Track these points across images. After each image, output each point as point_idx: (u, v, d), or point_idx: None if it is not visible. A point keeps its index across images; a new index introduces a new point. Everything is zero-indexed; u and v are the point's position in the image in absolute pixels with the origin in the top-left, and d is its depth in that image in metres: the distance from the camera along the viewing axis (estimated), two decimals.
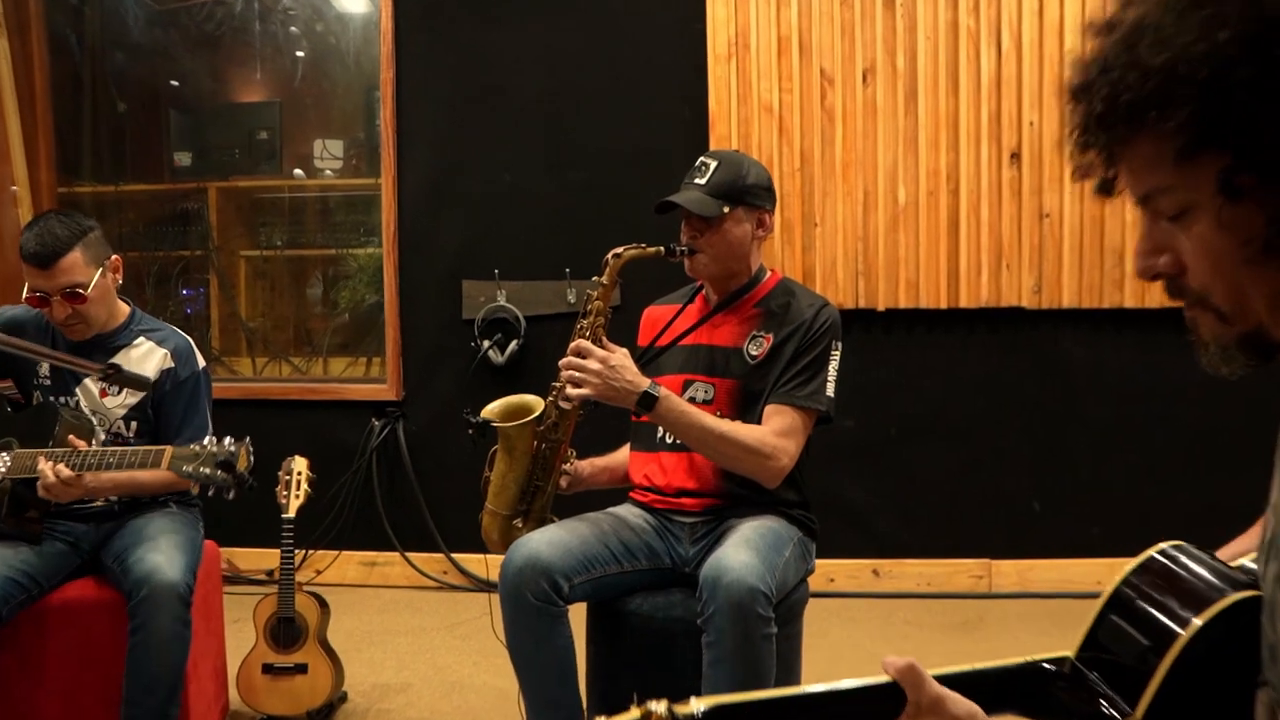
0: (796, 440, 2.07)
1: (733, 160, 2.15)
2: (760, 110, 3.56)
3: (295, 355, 4.37)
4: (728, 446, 2.02)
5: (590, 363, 1.97)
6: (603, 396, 1.97)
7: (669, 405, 1.99)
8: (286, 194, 4.43)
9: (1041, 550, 3.65)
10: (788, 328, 2.11)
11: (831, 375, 2.11)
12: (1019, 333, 3.59)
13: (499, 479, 2.11)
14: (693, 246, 2.11)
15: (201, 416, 2.52)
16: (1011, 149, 3.51)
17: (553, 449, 2.10)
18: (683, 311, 2.27)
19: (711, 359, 2.16)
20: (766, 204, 2.15)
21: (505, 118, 3.73)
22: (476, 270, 3.76)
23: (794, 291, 2.18)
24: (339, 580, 3.84)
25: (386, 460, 3.82)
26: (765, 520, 2.08)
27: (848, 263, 3.57)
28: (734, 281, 2.18)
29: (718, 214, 2.08)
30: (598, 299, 2.06)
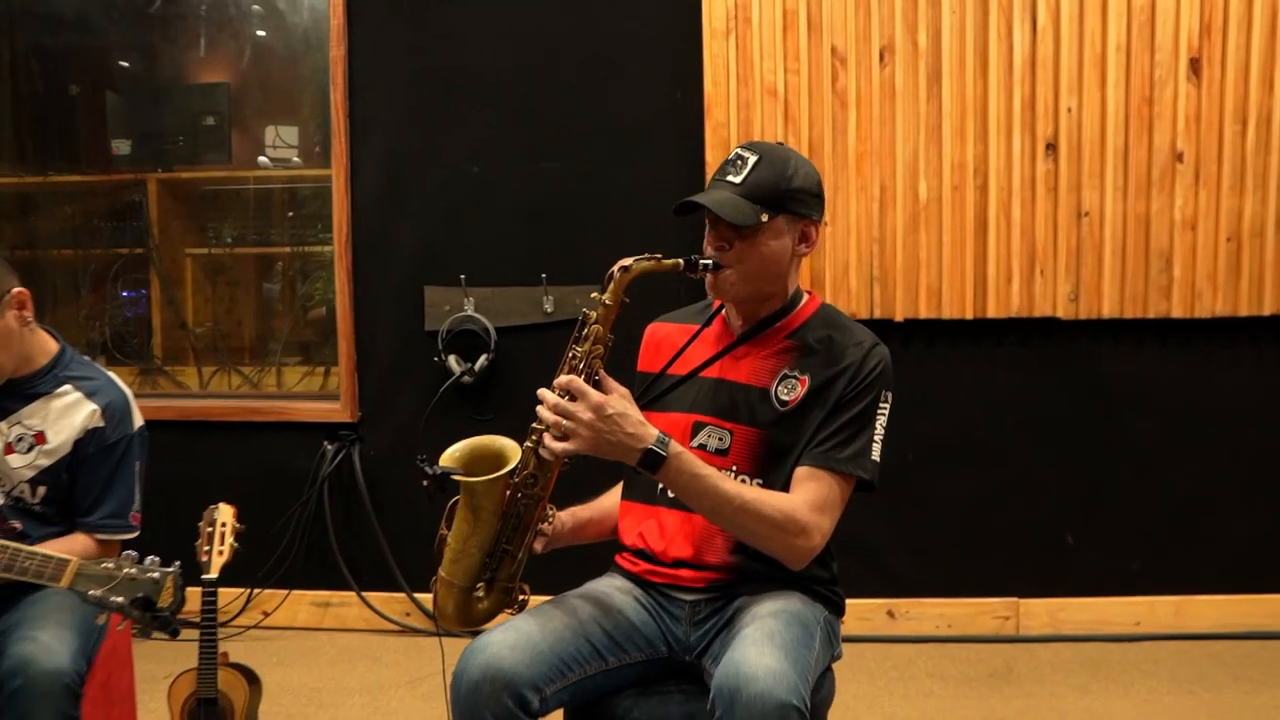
0: (833, 515, 1.68)
1: (776, 156, 1.72)
2: (763, 93, 3.13)
3: (247, 365, 3.94)
4: (749, 520, 1.62)
5: (581, 409, 1.55)
6: (594, 451, 1.57)
7: (680, 466, 1.59)
8: (236, 186, 3.99)
9: (1075, 588, 3.27)
10: (829, 370, 1.71)
11: (879, 434, 1.71)
12: (1053, 346, 3.19)
13: (458, 542, 1.68)
14: (719, 261, 1.70)
15: (126, 490, 2.12)
16: (1047, 139, 3.10)
17: (528, 506, 1.68)
18: (698, 336, 1.85)
19: (731, 399, 1.75)
20: (814, 213, 1.74)
21: (472, 101, 3.29)
22: (440, 275, 3.32)
23: (837, 323, 1.78)
24: (289, 623, 3.42)
25: (341, 489, 3.40)
26: (785, 600, 1.68)
27: (861, 267, 3.16)
28: (765, 306, 1.77)
29: (754, 222, 1.67)
30: (597, 322, 1.64)
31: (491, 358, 3.26)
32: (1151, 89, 3.06)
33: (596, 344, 1.64)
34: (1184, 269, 3.10)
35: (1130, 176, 3.09)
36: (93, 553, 2.07)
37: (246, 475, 3.43)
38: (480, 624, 1.71)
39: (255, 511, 3.37)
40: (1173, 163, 3.08)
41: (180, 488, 3.43)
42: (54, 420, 2.03)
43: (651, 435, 1.57)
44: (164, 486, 3.44)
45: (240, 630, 3.39)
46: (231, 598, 3.40)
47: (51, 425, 2.03)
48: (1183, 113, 3.06)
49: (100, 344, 3.99)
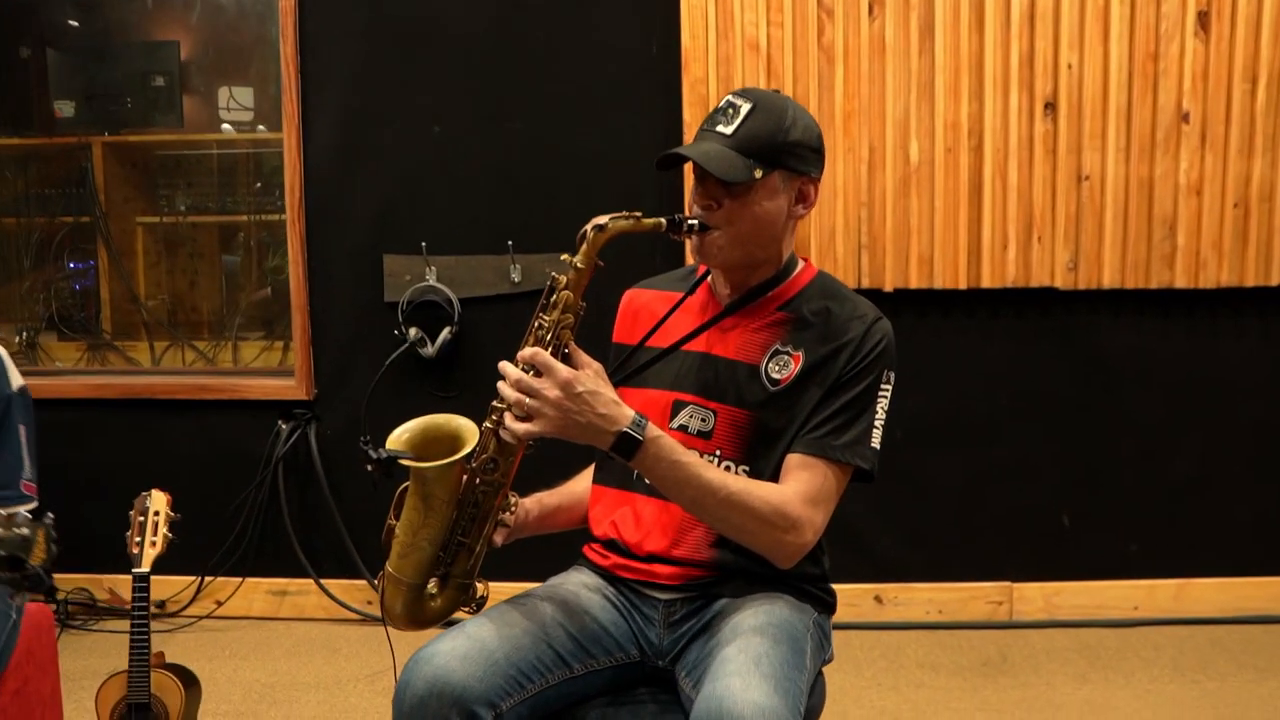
0: (827, 508, 1.51)
1: (773, 104, 1.53)
2: (744, 47, 2.93)
3: (203, 340, 3.73)
4: (735, 513, 1.44)
5: (546, 386, 1.37)
6: (562, 434, 1.38)
7: (658, 453, 1.41)
8: (189, 151, 3.76)
9: (1070, 571, 3.12)
10: (826, 346, 1.53)
11: (880, 418, 1.54)
12: (1051, 318, 3.03)
13: (407, 534, 1.49)
14: (706, 221, 1.51)
15: (13, 456, 1.92)
16: (1046, 98, 2.91)
17: (487, 494, 1.49)
18: (681, 305, 1.66)
19: (716, 376, 1.57)
20: (813, 170, 1.56)
21: (434, 55, 3.06)
22: (400, 243, 3.11)
23: (836, 294, 1.60)
24: (244, 612, 3.23)
25: (296, 470, 3.20)
26: (771, 606, 1.51)
27: (849, 234, 2.98)
28: (756, 273, 1.59)
29: (746, 178, 1.48)
30: (566, 288, 1.45)
31: (455, 331, 3.06)
32: (1157, 44, 2.88)
33: (566, 313, 1.45)
34: (1188, 236, 2.93)
35: (1133, 138, 2.91)
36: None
37: (196, 457, 3.23)
38: (432, 624, 1.53)
39: (206, 495, 3.20)
40: (1178, 123, 2.90)
41: (125, 471, 3.23)
42: None
43: (626, 416, 1.39)
44: (108, 470, 3.27)
45: (191, 620, 3.20)
46: (182, 586, 3.20)
47: None
48: (1189, 70, 2.88)
49: (46, 318, 3.76)
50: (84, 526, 3.27)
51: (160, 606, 3.21)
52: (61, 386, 3.32)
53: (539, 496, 1.69)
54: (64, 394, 3.30)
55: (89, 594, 3.25)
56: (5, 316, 3.77)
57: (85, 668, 2.88)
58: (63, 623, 3.16)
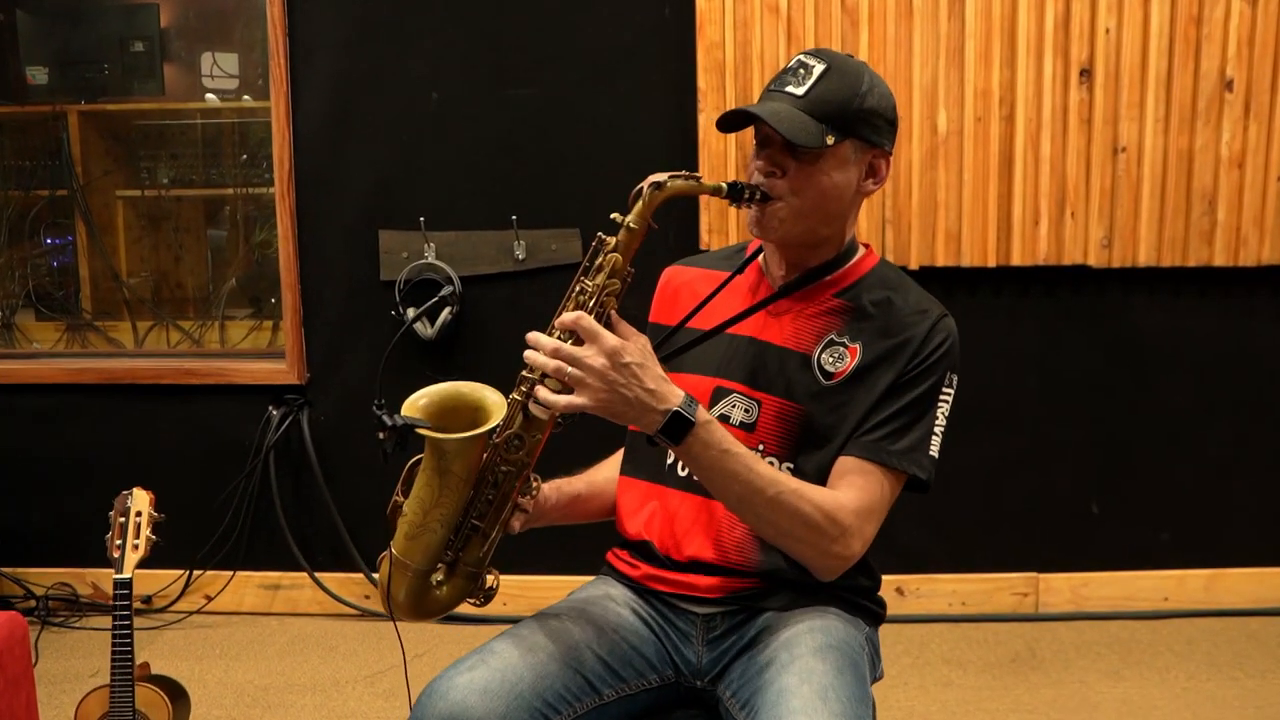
0: (878, 519, 1.39)
1: (849, 68, 1.39)
2: (763, 9, 2.75)
3: (186, 319, 3.55)
4: (783, 516, 1.31)
5: (590, 354, 1.22)
6: (605, 410, 1.24)
7: (708, 439, 1.27)
8: (172, 121, 3.57)
9: (1099, 562, 3.00)
10: (886, 341, 1.40)
11: (940, 424, 1.42)
12: (1083, 297, 2.88)
13: (417, 514, 1.32)
14: (769, 190, 1.36)
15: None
16: (1081, 64, 2.75)
17: (508, 475, 1.33)
18: (728, 284, 1.50)
19: (764, 363, 1.43)
20: (886, 142, 1.42)
21: (431, 17, 2.87)
22: (397, 218, 2.94)
23: (898, 285, 1.47)
24: (235, 608, 3.08)
25: (289, 459, 3.04)
26: (823, 623, 1.38)
27: (872, 209, 2.82)
28: (816, 254, 1.45)
29: (818, 144, 1.34)
30: (615, 250, 1.30)
31: (456, 311, 2.89)
32: (1200, 8, 2.71)
33: (613, 278, 1.30)
34: (1229, 212, 2.79)
35: (1173, 107, 2.75)
36: None
37: (182, 445, 3.06)
38: (436, 615, 1.38)
39: (194, 485, 3.03)
40: (1221, 92, 2.74)
41: (107, 460, 3.07)
42: None
43: (677, 395, 1.26)
44: (88, 459, 3.10)
45: (180, 617, 3.04)
46: (169, 581, 3.05)
47: None
48: (1235, 35, 2.72)
49: (23, 296, 3.58)
50: (65, 519, 3.13)
51: (146, 602, 3.05)
52: (37, 371, 3.15)
53: (559, 483, 1.54)
54: (41, 379, 3.13)
55: (71, 589, 3.09)
56: None
57: (67, 669, 2.73)
58: (43, 620, 3.00)
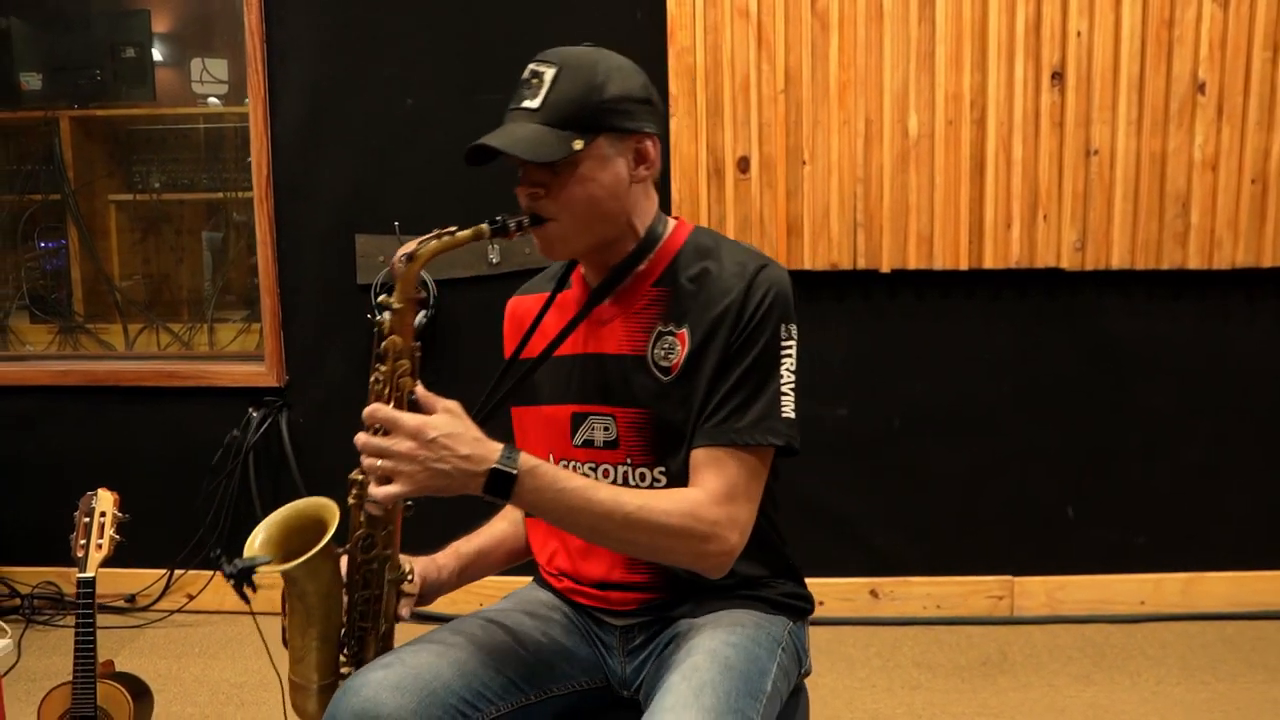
0: (748, 501, 1.31)
1: (581, 62, 1.32)
2: (733, 14, 2.77)
3: (178, 322, 3.59)
4: (640, 533, 1.26)
5: (398, 441, 1.20)
6: (427, 489, 1.21)
7: (537, 484, 1.23)
8: (161, 126, 3.62)
9: (1074, 565, 2.99)
10: (708, 316, 1.33)
11: (788, 381, 1.33)
12: (1056, 300, 2.88)
13: (296, 638, 1.35)
14: (536, 212, 1.32)
15: None
16: (1053, 67, 2.75)
17: (375, 571, 1.33)
18: (553, 302, 1.47)
19: (604, 376, 1.39)
20: (645, 123, 1.34)
21: (405, 23, 2.90)
22: (373, 222, 2.97)
23: (711, 249, 1.39)
24: (216, 607, 3.12)
25: (268, 460, 3.07)
26: (734, 623, 1.36)
27: (844, 212, 2.83)
28: (614, 252, 1.39)
29: (565, 154, 1.28)
30: (391, 332, 1.28)
31: (431, 314, 2.92)
32: (1172, 10, 2.71)
33: (399, 359, 1.28)
34: (1202, 214, 2.78)
35: (1146, 110, 2.75)
36: None
37: (165, 446, 3.10)
38: None
39: (175, 486, 3.07)
40: (1193, 95, 2.74)
41: (91, 461, 3.11)
42: None
43: (493, 452, 1.21)
44: (72, 460, 3.14)
45: (162, 615, 3.09)
46: (152, 580, 3.09)
47: None
48: (1206, 38, 2.71)
49: (17, 298, 3.63)
50: (49, 519, 3.16)
51: (130, 601, 3.10)
52: (23, 373, 3.19)
53: (455, 547, 1.51)
54: (27, 381, 3.17)
55: (56, 588, 3.13)
56: None
57: (48, 667, 2.77)
58: (28, 619, 3.05)
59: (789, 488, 1.51)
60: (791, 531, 1.51)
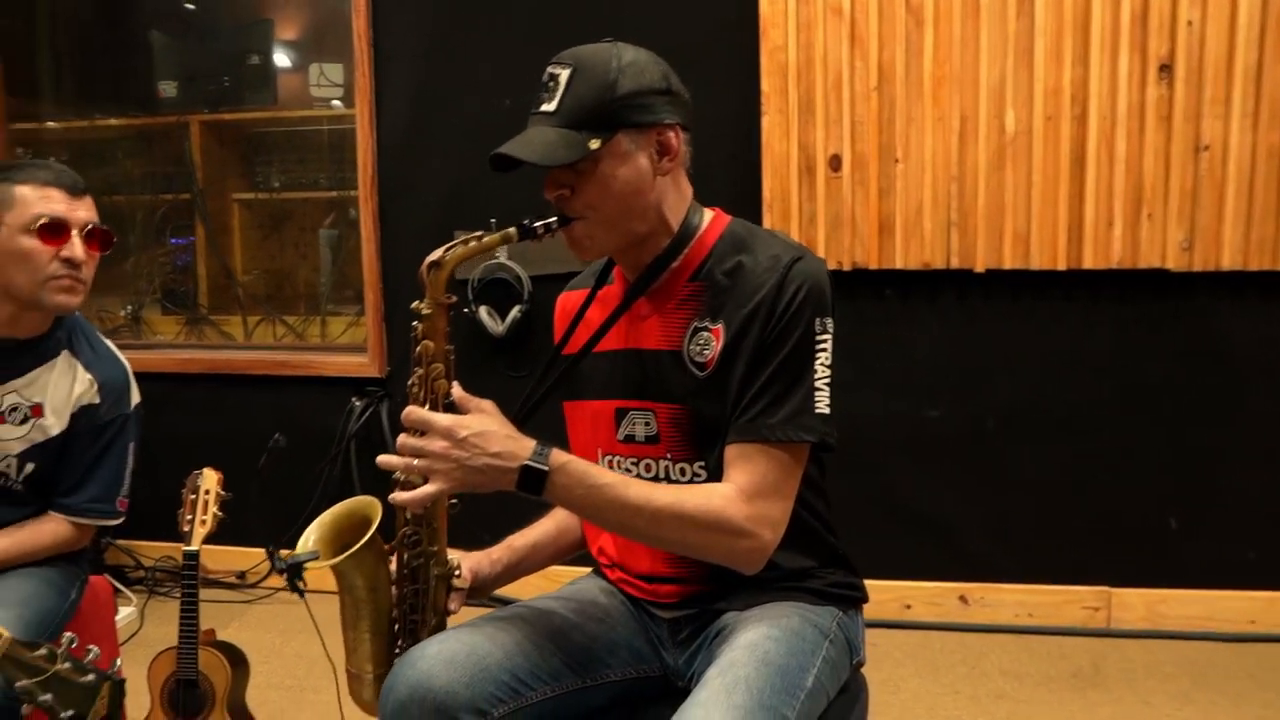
0: (780, 498, 1.30)
1: (594, 61, 1.33)
2: (827, 11, 2.76)
3: (296, 314, 3.78)
4: (670, 529, 1.27)
5: (431, 441, 1.24)
6: (462, 486, 1.24)
7: (567, 481, 1.25)
8: (282, 128, 3.81)
9: (1178, 578, 2.87)
10: (742, 311, 1.32)
11: (821, 375, 1.31)
12: (1161, 302, 2.77)
13: (348, 631, 1.43)
14: (563, 213, 1.34)
15: (116, 473, 1.95)
16: (1160, 59, 2.65)
17: (422, 567, 1.38)
18: (594, 297, 1.49)
19: (643, 371, 1.40)
20: (664, 115, 1.33)
21: (504, 24, 3.00)
22: (470, 219, 3.04)
23: (747, 243, 1.38)
24: (318, 586, 3.21)
25: (369, 447, 3.21)
26: (779, 615, 1.36)
27: (937, 210, 2.78)
28: (647, 249, 1.39)
29: (582, 154, 1.29)
30: (423, 338, 1.33)
31: (525, 309, 3.00)
32: None
33: (433, 363, 1.32)
34: None
35: (1262, 102, 2.62)
36: (65, 537, 1.91)
37: (274, 431, 3.27)
38: None
39: (284, 469, 3.24)
40: None
41: (208, 443, 3.30)
42: (52, 392, 1.85)
43: (525, 450, 1.24)
44: (192, 442, 3.33)
45: (270, 592, 3.26)
46: (260, 558, 3.27)
47: (50, 397, 1.85)
48: None
49: (150, 293, 3.88)
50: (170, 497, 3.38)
51: (240, 578, 3.28)
52: (152, 360, 3.41)
53: (509, 541, 1.55)
54: (155, 367, 3.38)
55: (175, 561, 3.34)
56: (114, 292, 3.90)
57: (167, 635, 2.90)
58: (150, 589, 3.26)
59: (876, 488, 1.51)
60: (879, 533, 1.51)
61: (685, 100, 1.38)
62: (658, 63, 1.36)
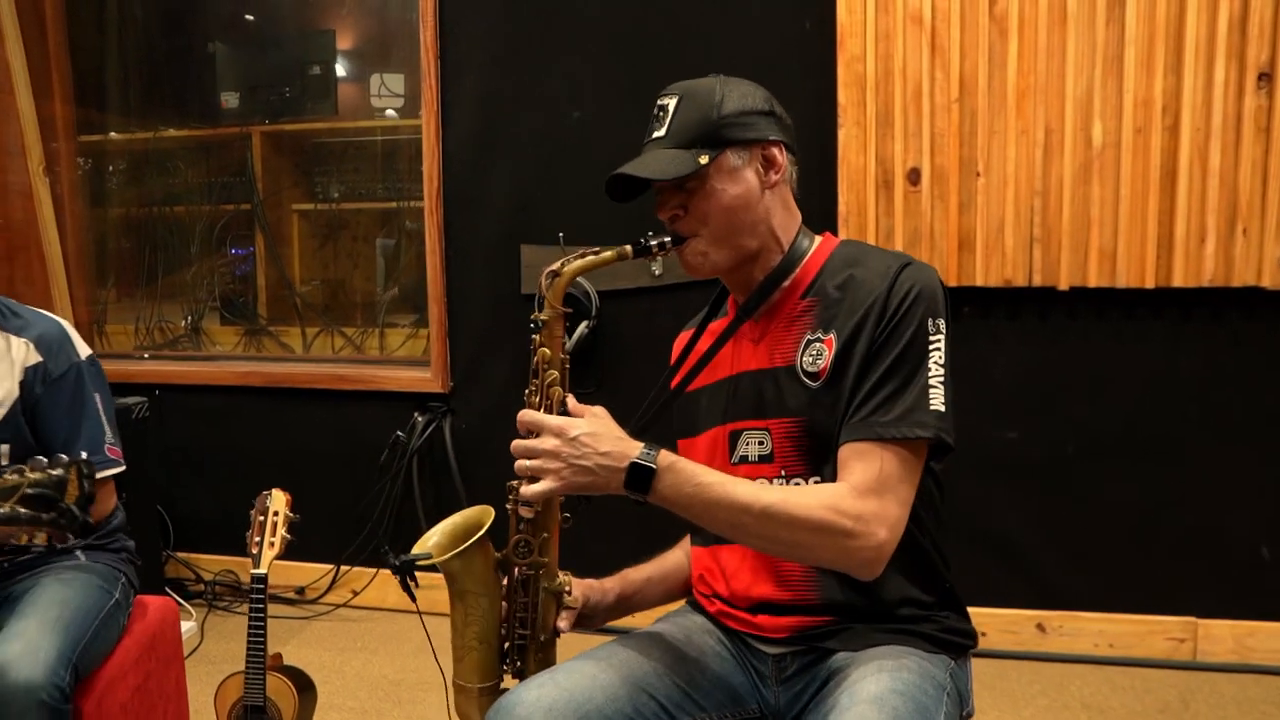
0: (896, 497, 1.27)
1: (698, 89, 1.39)
2: (906, 21, 2.68)
3: (354, 326, 3.76)
4: (780, 527, 1.24)
5: (543, 440, 1.26)
6: (572, 486, 1.25)
7: (676, 480, 1.24)
8: (341, 138, 3.80)
9: (1269, 610, 2.74)
10: (854, 317, 1.32)
11: (937, 374, 1.30)
12: (1256, 322, 2.66)
13: (456, 638, 1.43)
14: (676, 231, 1.37)
15: (92, 424, 1.87)
16: (1260, 68, 2.54)
17: (531, 579, 1.38)
18: (704, 329, 1.52)
19: (757, 391, 1.40)
20: (768, 133, 1.38)
21: (573, 37, 2.95)
22: (537, 233, 3.02)
23: (858, 258, 1.39)
24: (378, 604, 3.24)
25: (431, 463, 3.17)
26: (898, 664, 1.29)
27: (1020, 226, 2.69)
28: (758, 266, 1.41)
29: (692, 168, 1.33)
30: (541, 346, 1.35)
31: (593, 325, 2.95)
32: None
33: (549, 370, 1.33)
34: None
35: None
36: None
37: (335, 446, 3.25)
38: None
39: (344, 484, 3.21)
40: None
41: (267, 457, 3.29)
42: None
43: (633, 449, 1.25)
44: (251, 455, 3.33)
45: (329, 609, 3.23)
46: (321, 574, 3.24)
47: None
48: None
49: (209, 301, 3.89)
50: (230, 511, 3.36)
51: (300, 593, 3.25)
52: (211, 373, 3.41)
53: (624, 573, 1.55)
54: (214, 380, 3.39)
55: (235, 576, 3.32)
56: (175, 300, 3.91)
57: (226, 651, 2.94)
58: (210, 603, 3.25)
59: (950, 511, 1.44)
60: (953, 557, 1.44)
61: (788, 124, 1.43)
62: (761, 89, 1.42)
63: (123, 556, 1.96)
